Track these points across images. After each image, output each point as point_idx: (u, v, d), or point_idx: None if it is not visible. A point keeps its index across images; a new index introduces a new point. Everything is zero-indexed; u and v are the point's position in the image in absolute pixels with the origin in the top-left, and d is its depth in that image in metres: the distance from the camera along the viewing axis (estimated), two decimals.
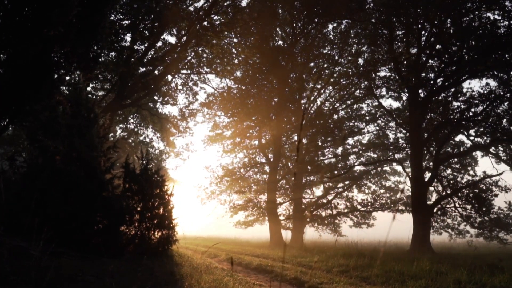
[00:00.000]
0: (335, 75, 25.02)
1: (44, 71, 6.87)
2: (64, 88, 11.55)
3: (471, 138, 19.63)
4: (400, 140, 24.17)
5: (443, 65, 18.64)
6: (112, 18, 16.59)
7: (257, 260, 9.21)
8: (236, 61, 23.62)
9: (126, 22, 16.31)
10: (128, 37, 19.21)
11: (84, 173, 8.79)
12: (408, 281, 6.25)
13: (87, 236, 8.65)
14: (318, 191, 28.98)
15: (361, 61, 23.57)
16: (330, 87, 26.11)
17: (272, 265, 8.00)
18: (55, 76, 7.57)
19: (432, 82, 19.24)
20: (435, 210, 19.62)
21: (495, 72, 18.27)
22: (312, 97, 26.36)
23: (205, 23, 18.25)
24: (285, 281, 6.43)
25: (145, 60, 18.82)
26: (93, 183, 8.93)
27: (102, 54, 19.29)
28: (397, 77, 20.52)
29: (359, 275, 7.08)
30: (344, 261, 8.70)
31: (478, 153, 22.25)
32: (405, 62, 19.29)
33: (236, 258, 10.08)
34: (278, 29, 24.34)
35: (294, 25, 23.58)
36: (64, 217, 8.45)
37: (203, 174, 54.59)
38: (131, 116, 25.68)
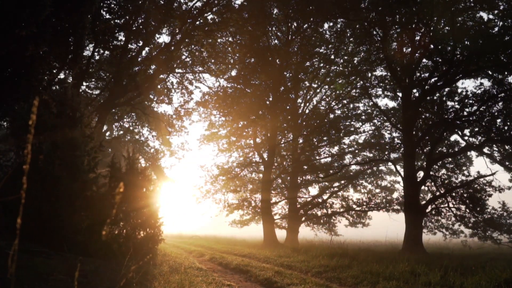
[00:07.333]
0: (331, 74, 24.94)
1: (19, 72, 6.87)
2: (56, 87, 11.57)
3: (466, 138, 19.55)
4: (395, 140, 24.12)
5: (436, 64, 18.56)
6: (106, 17, 16.60)
7: (239, 260, 9.23)
8: (231, 60, 23.58)
9: (118, 21, 16.31)
10: (122, 36, 19.22)
11: (66, 173, 8.82)
12: (381, 282, 6.24)
13: (69, 235, 8.68)
14: (314, 190, 28.97)
15: (356, 60, 23.49)
16: (326, 86, 26.06)
17: (251, 265, 8.01)
18: (34, 76, 7.55)
19: (425, 81, 19.15)
20: (428, 210, 19.56)
21: (489, 72, 18.17)
22: (308, 96, 26.33)
23: (198, 22, 18.24)
24: (257, 281, 6.44)
25: (139, 59, 18.83)
26: (76, 182, 8.97)
27: (96, 53, 19.27)
28: (392, 76, 20.44)
29: (336, 275, 7.08)
30: (326, 261, 8.71)
31: (473, 153, 22.17)
32: (399, 62, 19.23)
33: (220, 257, 10.10)
34: (274, 28, 24.28)
35: (289, 24, 23.52)
36: (46, 216, 8.49)
37: (198, 173, 54.55)
38: (126, 115, 25.71)
